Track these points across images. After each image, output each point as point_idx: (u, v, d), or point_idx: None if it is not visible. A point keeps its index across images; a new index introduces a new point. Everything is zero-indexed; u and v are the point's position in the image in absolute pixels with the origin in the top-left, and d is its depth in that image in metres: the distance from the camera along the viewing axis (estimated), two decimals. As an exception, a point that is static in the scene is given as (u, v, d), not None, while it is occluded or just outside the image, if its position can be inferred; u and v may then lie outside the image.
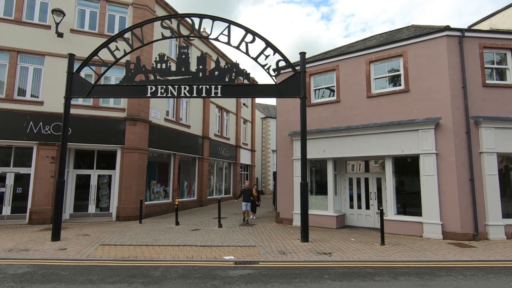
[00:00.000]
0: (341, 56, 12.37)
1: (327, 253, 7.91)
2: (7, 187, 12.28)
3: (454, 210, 9.55)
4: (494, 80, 10.52)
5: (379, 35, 14.41)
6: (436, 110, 10.13)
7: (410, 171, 10.93)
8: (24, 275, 5.97)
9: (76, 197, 13.32)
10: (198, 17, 10.37)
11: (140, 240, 9.28)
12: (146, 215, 13.73)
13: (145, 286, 5.42)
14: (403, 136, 10.50)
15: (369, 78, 11.62)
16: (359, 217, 12.20)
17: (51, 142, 12.40)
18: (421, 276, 6.03)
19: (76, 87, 10.04)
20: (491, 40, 10.53)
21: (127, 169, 13.28)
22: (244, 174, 27.78)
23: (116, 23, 14.18)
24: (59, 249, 8.15)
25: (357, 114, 11.65)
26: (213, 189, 21.71)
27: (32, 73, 12.84)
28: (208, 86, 9.97)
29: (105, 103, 13.60)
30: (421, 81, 10.52)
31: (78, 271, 6.27)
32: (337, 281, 5.72)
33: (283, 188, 13.18)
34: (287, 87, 9.89)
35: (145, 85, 10.01)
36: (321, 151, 12.19)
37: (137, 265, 6.78)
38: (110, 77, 13.60)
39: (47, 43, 12.87)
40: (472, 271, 6.42)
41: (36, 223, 11.92)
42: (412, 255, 7.74)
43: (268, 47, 10.04)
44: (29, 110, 12.35)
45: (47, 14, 13.10)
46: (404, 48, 10.95)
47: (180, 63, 10.20)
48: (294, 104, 12.51)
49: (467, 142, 9.85)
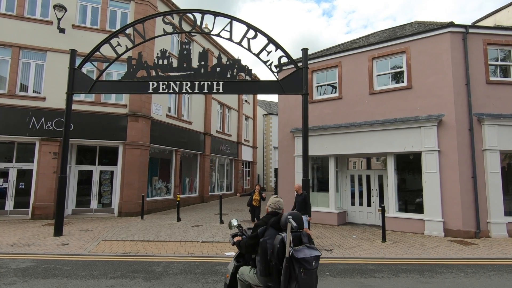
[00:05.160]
0: (343, 53, 12.30)
1: (328, 249, 7.91)
2: (10, 182, 12.34)
3: (456, 208, 9.53)
4: (498, 77, 10.43)
5: (382, 32, 14.31)
6: (439, 107, 10.06)
7: (412, 168, 10.90)
8: (26, 270, 6.01)
9: (78, 192, 13.37)
10: (200, 12, 10.32)
11: (142, 235, 9.32)
12: (147, 211, 13.79)
13: (146, 281, 5.45)
14: (406, 133, 10.45)
15: (371, 74, 11.55)
16: (360, 214, 12.20)
17: (53, 138, 12.44)
18: (422, 273, 6.03)
19: (78, 83, 10.04)
20: (496, 37, 10.43)
21: (129, 165, 13.31)
22: (246, 170, 27.81)
23: (117, 19, 14.14)
24: (61, 244, 8.20)
25: (360, 111, 11.60)
26: (214, 186, 21.74)
27: (34, 68, 12.84)
28: (209, 82, 9.95)
29: (107, 99, 13.60)
30: (424, 77, 10.45)
31: (80, 266, 6.31)
32: (338, 278, 5.73)
33: (285, 185, 13.17)
34: (289, 84, 9.85)
35: (147, 81, 10.00)
36: (323, 148, 12.16)
37: (139, 261, 6.81)
38: (112, 73, 13.59)
39: (49, 39, 12.86)
40: (473, 268, 6.41)
41: (39, 218, 11.99)
42: (414, 252, 7.73)
43: (270, 43, 9.98)
44: (31, 105, 12.37)
45: (49, 9, 13.08)
46: (408, 44, 10.87)
47: (182, 59, 10.17)
48: (296, 100, 12.47)
49: (470, 139, 9.79)
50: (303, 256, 2.70)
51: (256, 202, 10.60)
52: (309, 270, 2.70)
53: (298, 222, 2.82)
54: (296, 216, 2.90)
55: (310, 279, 2.71)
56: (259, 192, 10.69)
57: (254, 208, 10.60)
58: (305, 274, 2.68)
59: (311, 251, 2.78)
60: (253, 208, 10.60)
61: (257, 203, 10.61)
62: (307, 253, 2.75)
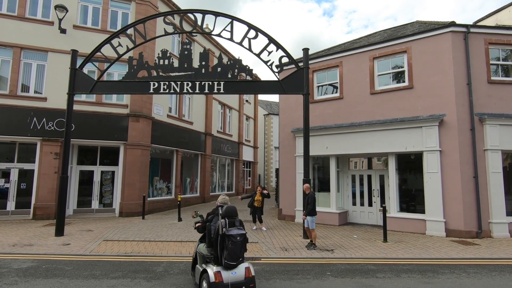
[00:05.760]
0: (344, 53, 12.28)
1: (329, 249, 7.90)
2: (11, 182, 12.37)
3: (457, 208, 9.50)
4: (499, 77, 10.40)
5: (383, 31, 14.29)
6: (440, 106, 10.04)
7: (413, 168, 10.87)
8: (28, 270, 6.02)
9: (80, 193, 13.39)
10: (201, 13, 10.32)
11: (143, 235, 9.33)
12: (148, 211, 13.80)
13: (147, 281, 5.45)
14: (407, 133, 10.43)
15: (372, 74, 11.54)
16: (361, 214, 12.18)
17: (54, 138, 12.46)
18: (423, 274, 6.01)
19: (79, 83, 10.06)
20: (497, 36, 10.40)
21: (130, 165, 13.32)
22: (247, 170, 27.81)
23: (119, 19, 14.16)
24: (62, 244, 8.21)
25: (361, 111, 11.58)
26: (215, 186, 21.74)
27: (36, 69, 12.87)
28: (210, 82, 9.95)
29: (108, 99, 13.62)
30: (425, 77, 10.43)
31: (81, 266, 6.31)
32: (339, 278, 5.72)
33: (286, 185, 13.16)
34: (290, 84, 9.84)
35: (148, 81, 10.01)
36: (324, 148, 12.14)
37: (140, 261, 6.81)
38: (113, 73, 13.60)
39: (50, 39, 12.88)
40: (475, 268, 6.39)
41: (40, 218, 12.01)
42: (415, 252, 7.71)
43: (271, 43, 9.97)
44: (33, 106, 12.39)
45: (50, 10, 13.10)
46: (409, 44, 10.85)
47: (183, 59, 10.18)
48: (297, 100, 12.47)
49: (471, 139, 9.77)
50: (231, 233, 4.28)
51: (258, 203, 10.64)
52: (235, 242, 4.26)
53: (228, 213, 4.48)
54: (228, 208, 4.54)
55: (236, 248, 4.28)
56: (261, 193, 10.72)
57: (256, 209, 10.62)
58: (232, 245, 4.25)
59: (238, 231, 4.37)
60: (254, 209, 10.61)
61: (259, 204, 10.65)
62: (235, 232, 4.32)
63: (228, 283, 4.19)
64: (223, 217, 4.41)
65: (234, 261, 4.27)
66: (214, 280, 4.16)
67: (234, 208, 4.58)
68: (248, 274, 4.36)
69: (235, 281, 4.24)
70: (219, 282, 4.15)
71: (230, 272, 4.27)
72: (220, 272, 4.23)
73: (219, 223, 4.37)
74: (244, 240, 4.38)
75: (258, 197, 10.65)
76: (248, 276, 4.35)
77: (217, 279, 4.16)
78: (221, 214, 4.46)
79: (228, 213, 4.47)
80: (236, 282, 4.25)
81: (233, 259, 4.25)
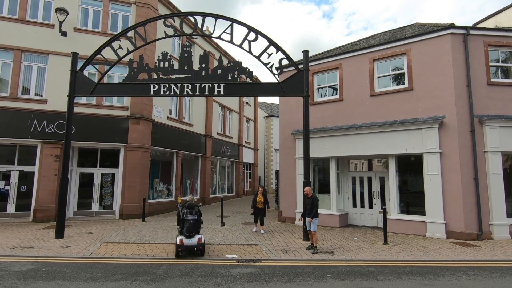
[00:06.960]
0: (344, 55, 12.31)
1: (329, 252, 7.89)
2: (12, 185, 12.36)
3: (458, 210, 9.49)
4: (499, 79, 10.42)
5: (382, 33, 14.32)
6: (440, 108, 10.05)
7: (413, 170, 10.87)
8: (28, 272, 6.02)
9: (80, 195, 13.38)
10: (201, 15, 10.36)
11: (143, 238, 9.32)
12: (149, 213, 13.78)
13: (147, 284, 5.44)
14: (407, 135, 10.44)
15: (372, 76, 11.56)
16: (362, 216, 12.17)
17: (54, 141, 12.47)
18: (424, 276, 6.00)
19: (80, 86, 10.08)
20: (497, 38, 10.43)
21: (130, 168, 13.32)
22: (247, 172, 27.80)
23: (119, 22, 14.20)
24: (62, 246, 8.20)
25: (361, 113, 11.59)
26: (215, 188, 21.73)
27: (36, 71, 12.90)
28: (211, 84, 9.97)
29: (108, 102, 13.65)
30: (425, 79, 10.45)
31: (81, 269, 6.31)
32: (340, 280, 5.71)
33: (286, 187, 13.16)
34: (290, 86, 9.87)
35: (148, 83, 10.03)
36: (324, 149, 12.15)
37: (140, 263, 6.81)
38: (113, 75, 13.63)
39: (50, 42, 12.92)
40: (475, 270, 6.38)
41: (40, 220, 12.00)
42: (415, 254, 7.70)
43: (271, 45, 10.00)
44: (33, 108, 12.41)
45: (51, 13, 13.16)
46: (408, 46, 10.87)
47: (183, 62, 10.20)
48: (297, 102, 12.48)
49: (471, 141, 9.77)
50: (187, 218, 7.28)
51: (261, 204, 10.50)
52: (189, 221, 7.22)
53: (189, 206, 7.48)
54: (189, 203, 7.56)
55: (190, 226, 7.19)
56: (263, 194, 10.58)
57: (259, 210, 10.48)
58: (187, 223, 7.21)
59: (192, 216, 7.31)
60: (257, 210, 10.49)
61: (261, 205, 10.51)
62: (190, 217, 7.28)
63: (186, 246, 7.07)
64: (186, 208, 7.39)
65: (189, 233, 7.13)
66: (178, 243, 7.07)
67: (193, 203, 7.57)
68: (199, 241, 7.14)
69: (190, 244, 7.09)
70: (181, 244, 7.05)
71: (189, 240, 7.08)
72: (182, 239, 7.09)
73: (182, 212, 7.40)
74: (195, 222, 7.27)
75: (260, 198, 10.51)
76: (199, 242, 7.13)
77: (180, 242, 7.06)
78: (185, 206, 7.46)
79: (188, 206, 7.46)
80: (190, 245, 7.09)
81: (189, 232, 7.14)
